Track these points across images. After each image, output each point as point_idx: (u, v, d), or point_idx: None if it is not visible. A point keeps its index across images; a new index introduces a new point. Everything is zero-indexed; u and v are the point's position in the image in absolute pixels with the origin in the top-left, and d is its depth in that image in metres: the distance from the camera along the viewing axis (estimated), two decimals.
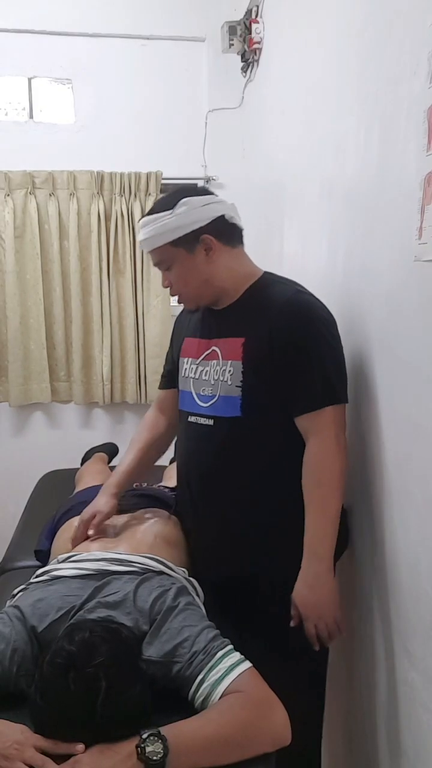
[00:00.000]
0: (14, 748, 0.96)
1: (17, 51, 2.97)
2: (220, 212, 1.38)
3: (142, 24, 3.01)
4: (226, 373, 1.39)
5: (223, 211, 1.38)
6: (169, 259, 1.39)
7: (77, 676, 0.98)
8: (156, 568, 1.36)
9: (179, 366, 1.55)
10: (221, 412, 1.40)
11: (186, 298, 1.46)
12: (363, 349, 1.39)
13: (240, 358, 1.37)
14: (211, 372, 1.43)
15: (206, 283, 1.40)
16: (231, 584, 1.45)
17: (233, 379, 1.37)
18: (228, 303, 1.44)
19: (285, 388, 1.34)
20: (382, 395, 1.30)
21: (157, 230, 1.36)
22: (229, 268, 1.41)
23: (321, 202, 1.68)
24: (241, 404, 1.37)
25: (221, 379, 1.40)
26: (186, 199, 1.35)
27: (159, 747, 0.95)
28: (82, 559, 1.40)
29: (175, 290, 1.45)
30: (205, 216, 1.36)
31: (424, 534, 1.11)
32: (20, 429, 3.28)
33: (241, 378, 1.36)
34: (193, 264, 1.38)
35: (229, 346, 1.40)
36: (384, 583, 1.31)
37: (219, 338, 1.43)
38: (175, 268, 1.40)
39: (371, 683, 1.41)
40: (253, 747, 1.03)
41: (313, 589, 1.33)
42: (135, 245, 3.09)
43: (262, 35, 2.38)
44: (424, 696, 1.14)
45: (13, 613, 1.21)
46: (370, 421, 1.36)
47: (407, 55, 1.11)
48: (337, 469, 1.33)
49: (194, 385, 1.47)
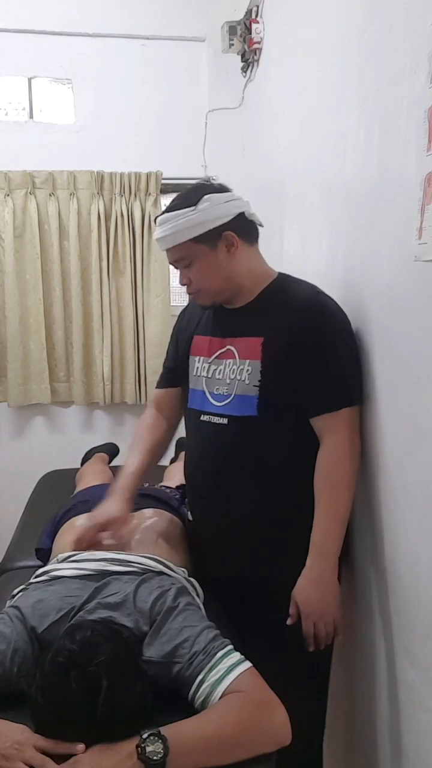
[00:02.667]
0: (14, 748, 0.96)
1: (17, 51, 2.98)
2: (241, 209, 1.38)
3: (142, 24, 3.01)
4: (243, 372, 1.38)
5: (244, 208, 1.38)
6: (191, 256, 1.38)
7: (78, 675, 0.98)
8: (156, 569, 1.36)
9: (189, 364, 1.52)
10: (236, 411, 1.39)
11: (204, 295, 1.44)
12: (363, 348, 1.39)
13: (259, 358, 1.36)
14: (226, 371, 1.42)
15: (227, 279, 1.40)
16: (238, 585, 1.45)
17: (251, 378, 1.37)
18: (244, 302, 1.43)
19: (302, 388, 1.34)
20: (383, 395, 1.29)
21: (179, 226, 1.34)
22: (249, 265, 1.41)
23: (321, 202, 1.68)
24: (257, 403, 1.36)
25: (238, 378, 1.39)
26: (209, 195, 1.34)
27: (159, 747, 0.95)
28: (81, 559, 1.40)
29: (194, 287, 1.43)
30: (227, 212, 1.35)
31: (424, 534, 1.11)
32: (20, 429, 3.28)
33: (260, 377, 1.36)
34: (215, 260, 1.37)
35: (246, 346, 1.39)
36: (384, 583, 1.31)
37: (235, 337, 1.42)
38: (196, 264, 1.39)
39: (371, 683, 1.41)
40: (253, 747, 1.03)
41: (317, 586, 1.33)
42: (135, 245, 3.09)
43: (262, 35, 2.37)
44: (424, 696, 1.14)
45: (14, 614, 1.21)
46: (370, 421, 1.36)
47: (407, 55, 1.11)
48: (348, 470, 1.34)
49: (207, 384, 1.45)
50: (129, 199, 3.05)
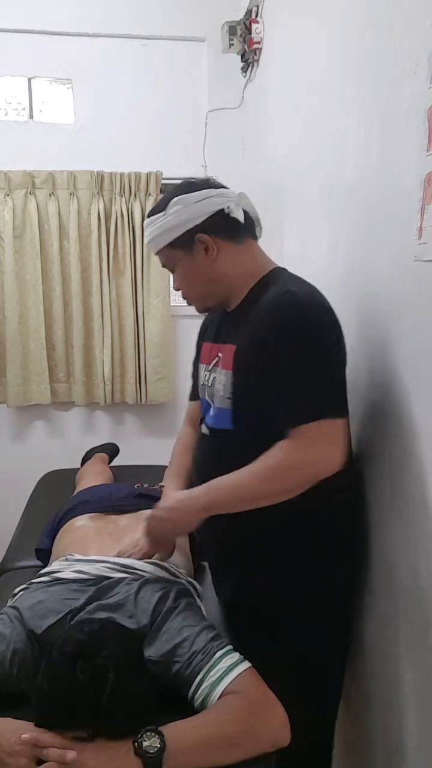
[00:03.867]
0: (18, 744, 0.96)
1: (17, 51, 2.97)
2: (218, 206, 1.26)
3: (142, 24, 3.00)
4: (221, 383, 1.31)
5: (222, 205, 1.26)
6: (172, 261, 1.33)
7: (85, 666, 0.97)
8: (157, 573, 1.36)
9: (199, 373, 1.45)
10: (216, 424, 1.33)
11: (193, 300, 1.38)
12: (363, 349, 1.39)
13: (231, 368, 1.28)
14: (216, 380, 1.34)
15: (210, 283, 1.32)
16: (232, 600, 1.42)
17: (225, 390, 1.29)
18: (235, 304, 1.34)
19: (271, 400, 1.20)
20: (382, 395, 1.29)
21: (154, 232, 1.30)
22: (235, 265, 1.30)
23: (321, 202, 1.68)
24: (231, 417, 1.28)
25: (217, 389, 1.32)
26: (179, 197, 1.27)
27: (156, 742, 0.96)
28: (83, 561, 1.40)
29: (183, 292, 1.37)
30: (200, 213, 1.26)
31: (424, 534, 1.11)
32: (20, 430, 3.28)
33: (231, 389, 1.28)
34: (194, 264, 1.30)
35: (226, 354, 1.31)
36: (384, 583, 1.31)
37: (223, 343, 1.34)
38: (177, 269, 1.34)
39: (371, 683, 1.41)
40: (251, 747, 1.03)
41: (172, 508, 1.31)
42: (135, 245, 3.08)
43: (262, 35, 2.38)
44: (424, 696, 1.14)
45: (13, 614, 1.21)
46: (370, 421, 1.36)
47: (407, 55, 1.11)
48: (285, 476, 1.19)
49: (207, 392, 1.38)
50: (129, 199, 3.05)
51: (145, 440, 3.30)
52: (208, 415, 1.37)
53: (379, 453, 1.32)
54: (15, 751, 0.96)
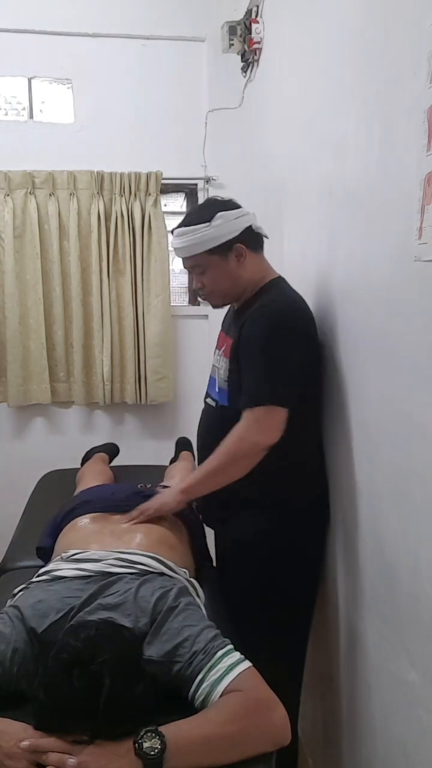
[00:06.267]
0: (18, 746, 0.96)
1: (17, 51, 2.97)
2: (249, 223, 1.59)
3: (142, 24, 3.01)
4: (222, 367, 1.65)
5: (251, 222, 1.59)
6: (205, 265, 1.60)
7: (82, 673, 0.98)
8: (157, 569, 1.37)
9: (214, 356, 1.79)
10: (221, 400, 1.66)
11: (216, 297, 1.67)
12: (363, 348, 1.39)
13: (228, 356, 1.61)
14: (220, 364, 1.68)
15: (235, 283, 1.62)
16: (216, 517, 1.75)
17: (223, 374, 1.64)
18: (242, 303, 1.66)
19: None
20: (383, 395, 1.30)
21: (195, 240, 1.55)
22: (253, 271, 1.62)
23: (321, 203, 1.68)
24: (227, 396, 1.62)
25: (220, 372, 1.67)
26: (222, 213, 1.55)
27: (156, 743, 0.96)
28: (83, 559, 1.40)
29: (207, 291, 1.66)
30: (237, 227, 1.56)
31: (424, 534, 1.11)
32: (20, 429, 3.28)
33: (227, 374, 1.61)
34: (227, 268, 1.59)
35: (228, 344, 1.64)
36: (384, 583, 1.31)
37: (228, 335, 1.68)
38: (210, 272, 1.61)
39: (371, 683, 1.41)
40: (252, 746, 1.03)
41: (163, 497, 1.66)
42: (135, 245, 3.08)
43: (262, 35, 2.38)
44: (424, 696, 1.14)
45: (14, 614, 1.21)
46: (370, 421, 1.36)
47: (407, 55, 1.11)
48: (231, 451, 1.53)
49: (216, 372, 1.71)
50: (129, 199, 3.05)
51: (145, 440, 3.30)
52: (214, 391, 1.71)
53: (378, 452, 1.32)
54: (15, 753, 0.96)
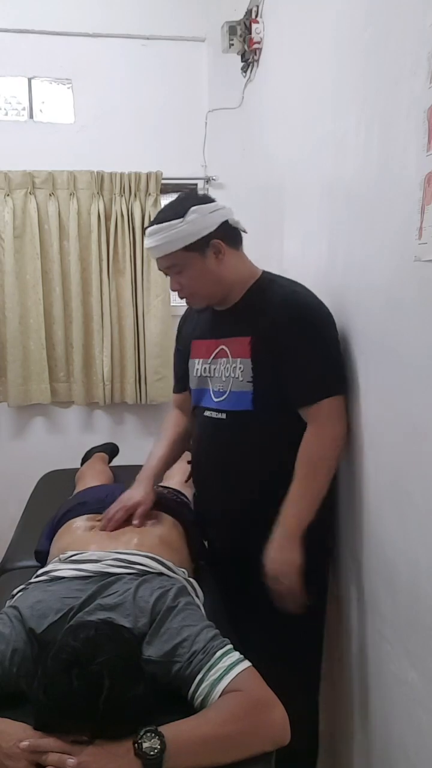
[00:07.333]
0: (17, 746, 0.96)
1: (17, 51, 2.97)
2: (225, 217, 1.48)
3: (142, 24, 3.01)
4: (237, 370, 1.50)
5: (227, 216, 1.48)
6: (182, 264, 1.48)
7: (81, 673, 0.98)
8: (156, 569, 1.37)
9: (190, 367, 1.66)
10: (233, 407, 1.52)
11: (197, 299, 1.56)
12: (362, 348, 1.39)
13: (249, 356, 1.48)
14: (222, 369, 1.54)
15: (217, 283, 1.51)
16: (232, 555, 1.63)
17: (244, 375, 1.49)
18: (231, 303, 1.54)
19: (286, 382, 1.45)
20: (382, 395, 1.29)
21: (169, 237, 1.44)
22: (236, 268, 1.51)
23: (321, 202, 1.68)
24: (252, 398, 1.48)
25: (232, 376, 1.51)
26: (196, 206, 1.44)
27: (156, 743, 0.96)
28: (82, 560, 1.40)
29: (186, 292, 1.54)
30: (213, 222, 1.45)
31: (424, 534, 1.11)
32: (20, 429, 3.28)
33: (252, 374, 1.48)
34: (205, 267, 1.48)
35: (237, 345, 1.51)
36: (384, 583, 1.31)
37: (226, 338, 1.54)
38: (187, 271, 1.49)
39: (371, 683, 1.41)
40: (251, 746, 1.03)
41: (281, 550, 1.43)
42: (135, 245, 3.09)
43: (262, 35, 2.37)
44: (424, 696, 1.14)
45: (13, 614, 1.21)
46: (369, 421, 1.36)
47: (407, 55, 1.11)
48: (326, 457, 1.44)
49: (211, 382, 1.58)
50: (129, 199, 3.05)
51: (144, 440, 3.29)
52: (212, 401, 1.57)
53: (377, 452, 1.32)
54: (14, 753, 0.96)
